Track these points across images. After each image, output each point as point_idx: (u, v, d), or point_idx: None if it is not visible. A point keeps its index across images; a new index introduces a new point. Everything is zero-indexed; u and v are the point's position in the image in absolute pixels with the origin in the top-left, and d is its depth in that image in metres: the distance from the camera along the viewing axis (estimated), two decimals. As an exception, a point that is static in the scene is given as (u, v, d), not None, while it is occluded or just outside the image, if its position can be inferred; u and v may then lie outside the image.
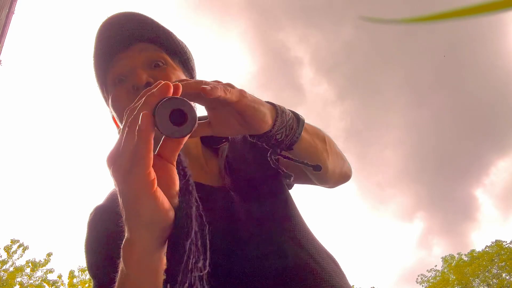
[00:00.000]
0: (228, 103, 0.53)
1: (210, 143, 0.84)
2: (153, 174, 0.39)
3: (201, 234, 0.44)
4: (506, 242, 17.92)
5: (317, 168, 0.65)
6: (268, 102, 0.62)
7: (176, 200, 0.43)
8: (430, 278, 19.69)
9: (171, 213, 0.42)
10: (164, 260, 0.44)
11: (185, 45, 0.83)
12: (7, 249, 11.61)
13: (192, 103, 0.44)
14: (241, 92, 0.55)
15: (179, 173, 0.44)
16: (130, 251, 0.42)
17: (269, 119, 0.59)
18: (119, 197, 0.42)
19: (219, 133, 0.60)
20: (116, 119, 0.79)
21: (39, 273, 11.92)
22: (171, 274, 0.42)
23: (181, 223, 0.42)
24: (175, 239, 0.42)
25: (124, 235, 0.44)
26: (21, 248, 11.78)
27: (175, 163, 0.43)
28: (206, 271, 0.44)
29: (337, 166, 0.76)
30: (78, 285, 12.04)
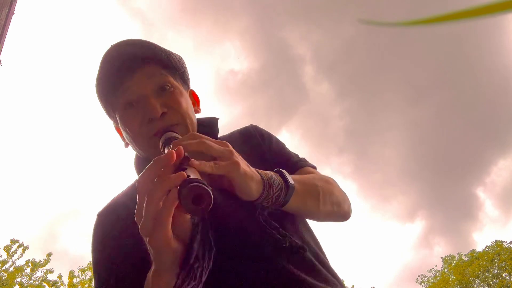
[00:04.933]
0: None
1: None
2: (170, 233, 0.53)
3: (208, 258, 0.60)
4: (506, 242, 17.92)
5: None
6: (261, 173, 0.67)
7: (188, 237, 0.58)
8: (430, 278, 19.71)
9: (183, 252, 0.57)
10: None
11: (181, 59, 0.91)
12: (7, 249, 11.61)
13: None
14: (234, 166, 0.62)
15: (192, 219, 0.59)
16: (157, 279, 0.58)
17: (254, 193, 0.65)
18: (147, 244, 0.55)
19: (218, 186, 0.67)
20: (122, 134, 0.88)
21: (39, 273, 11.94)
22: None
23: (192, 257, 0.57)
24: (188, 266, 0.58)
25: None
26: (21, 248, 11.79)
27: (189, 215, 0.57)
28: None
29: (329, 215, 0.84)
30: (78, 285, 12.04)
